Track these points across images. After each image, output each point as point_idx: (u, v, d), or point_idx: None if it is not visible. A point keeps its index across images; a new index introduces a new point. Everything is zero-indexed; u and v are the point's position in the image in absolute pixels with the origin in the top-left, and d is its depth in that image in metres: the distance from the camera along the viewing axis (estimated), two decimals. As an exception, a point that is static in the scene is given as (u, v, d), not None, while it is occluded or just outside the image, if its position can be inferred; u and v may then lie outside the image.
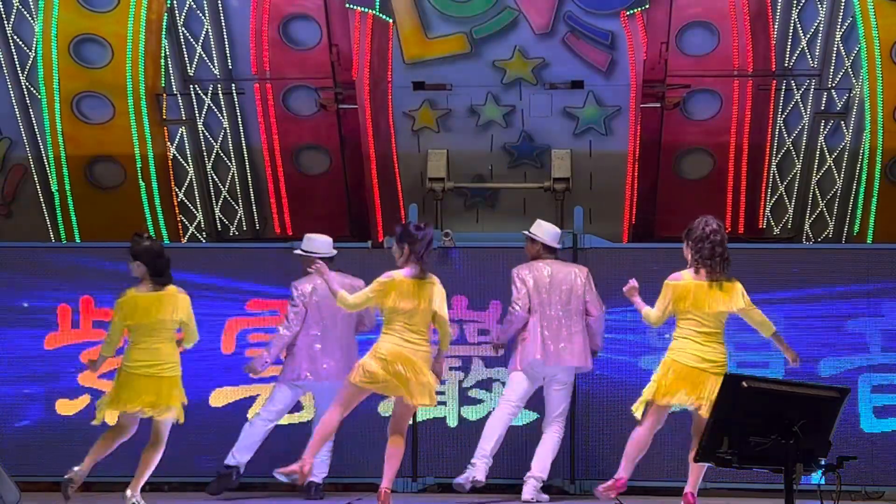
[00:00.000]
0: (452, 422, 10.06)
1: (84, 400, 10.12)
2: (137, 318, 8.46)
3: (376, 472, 9.54)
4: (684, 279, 8.31)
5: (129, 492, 8.51)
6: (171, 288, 8.52)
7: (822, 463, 5.76)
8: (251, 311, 10.23)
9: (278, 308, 10.00)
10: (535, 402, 9.56)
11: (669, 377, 8.20)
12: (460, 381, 10.08)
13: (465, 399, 10.09)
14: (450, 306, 8.73)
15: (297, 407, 9.93)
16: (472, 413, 10.09)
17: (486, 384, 10.11)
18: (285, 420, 9.75)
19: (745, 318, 8.40)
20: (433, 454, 10.01)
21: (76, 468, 8.50)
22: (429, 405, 8.52)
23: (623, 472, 8.42)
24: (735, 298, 8.26)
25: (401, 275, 8.28)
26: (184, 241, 12.71)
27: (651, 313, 8.36)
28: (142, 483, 8.59)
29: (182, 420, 8.61)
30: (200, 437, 10.00)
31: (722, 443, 5.67)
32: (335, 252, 9.58)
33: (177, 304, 8.49)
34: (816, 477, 5.85)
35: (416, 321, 8.27)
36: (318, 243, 9.57)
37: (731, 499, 9.54)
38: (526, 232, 9.49)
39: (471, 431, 9.80)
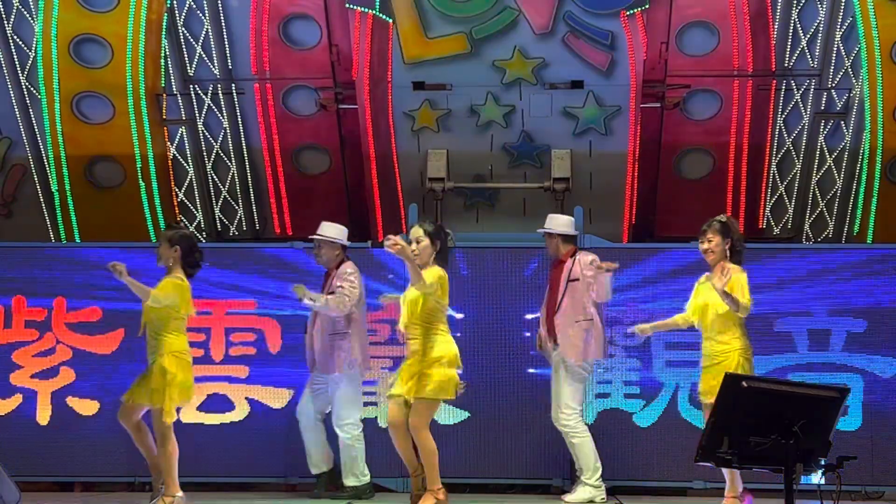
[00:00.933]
0: (384, 421, 10.04)
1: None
2: (188, 307, 8.52)
3: (376, 472, 9.58)
4: None
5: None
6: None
7: (823, 463, 5.76)
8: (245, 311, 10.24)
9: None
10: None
11: None
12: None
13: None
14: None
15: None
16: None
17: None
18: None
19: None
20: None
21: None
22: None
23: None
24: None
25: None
26: (183, 241, 12.69)
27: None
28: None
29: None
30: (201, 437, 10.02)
31: (722, 443, 5.68)
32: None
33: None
34: (816, 477, 5.86)
35: None
36: (339, 230, 9.61)
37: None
38: (542, 229, 9.46)
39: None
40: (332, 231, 9.60)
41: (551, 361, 9.36)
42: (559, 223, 9.41)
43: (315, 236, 9.61)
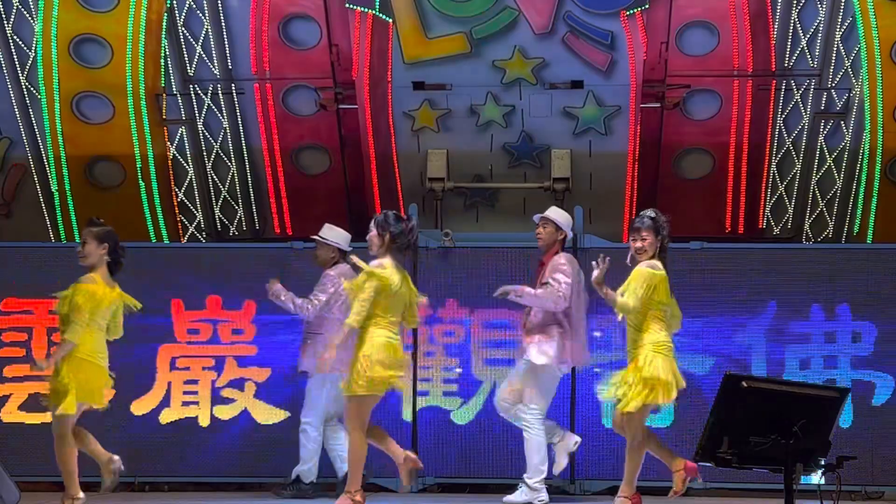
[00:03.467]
0: (205, 421, 10.05)
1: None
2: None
3: (376, 472, 9.58)
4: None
5: None
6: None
7: (822, 463, 5.76)
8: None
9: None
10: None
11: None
12: (213, 381, 10.07)
13: (217, 399, 10.09)
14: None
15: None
16: (224, 412, 10.07)
17: (238, 384, 10.08)
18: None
19: None
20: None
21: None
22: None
23: None
24: None
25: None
26: (184, 241, 12.71)
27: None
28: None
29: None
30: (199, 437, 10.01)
31: (722, 443, 5.68)
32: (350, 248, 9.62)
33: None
34: (816, 477, 5.86)
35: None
36: (338, 234, 9.60)
37: (731, 499, 9.54)
38: (540, 214, 9.32)
39: (223, 430, 9.78)
40: (330, 234, 9.61)
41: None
42: (558, 213, 9.28)
43: (314, 236, 9.64)
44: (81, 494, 8.00)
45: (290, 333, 9.93)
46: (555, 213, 9.20)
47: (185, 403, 10.07)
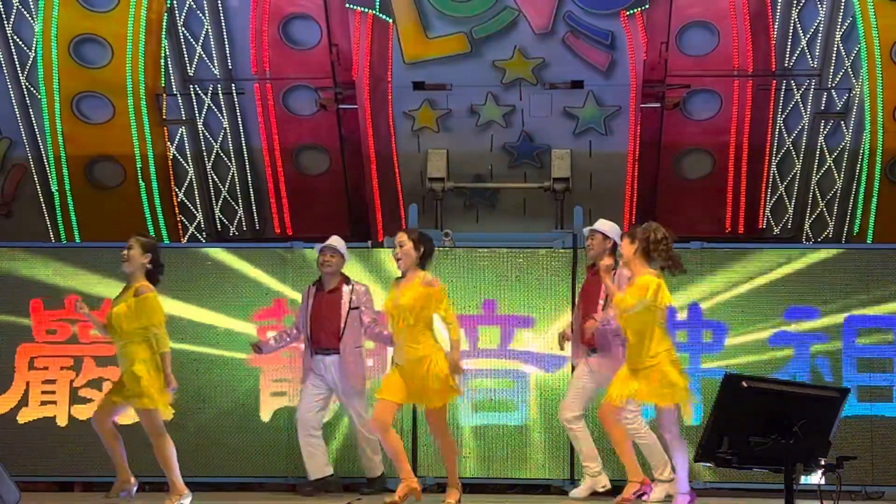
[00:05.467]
0: (62, 421, 9.99)
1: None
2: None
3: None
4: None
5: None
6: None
7: (822, 463, 5.76)
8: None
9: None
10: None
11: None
12: (71, 381, 10.03)
13: (75, 398, 10.01)
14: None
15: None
16: (82, 412, 9.98)
17: (96, 384, 10.00)
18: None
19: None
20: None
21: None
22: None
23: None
24: None
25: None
26: (184, 241, 12.72)
27: None
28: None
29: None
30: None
31: (722, 443, 5.67)
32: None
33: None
34: (816, 477, 5.85)
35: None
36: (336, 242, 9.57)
37: (731, 499, 9.53)
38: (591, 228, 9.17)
39: (81, 430, 9.70)
40: (340, 243, 9.55)
41: (575, 363, 9.23)
42: (604, 223, 9.12)
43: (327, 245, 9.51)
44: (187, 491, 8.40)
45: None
46: (601, 223, 9.12)
47: (44, 403, 10.00)
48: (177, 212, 12.87)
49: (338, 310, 9.34)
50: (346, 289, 9.40)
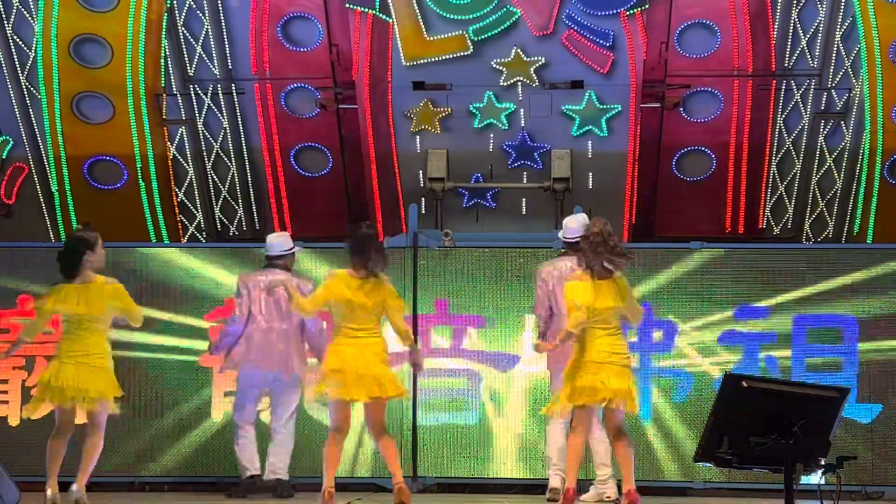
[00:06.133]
0: (14, 420, 9.91)
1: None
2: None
3: (377, 472, 9.58)
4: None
5: (74, 486, 8.27)
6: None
7: (822, 463, 5.76)
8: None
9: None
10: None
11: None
12: (23, 381, 9.97)
13: (28, 397, 9.96)
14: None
15: None
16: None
17: None
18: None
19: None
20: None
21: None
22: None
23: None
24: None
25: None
26: (184, 241, 12.72)
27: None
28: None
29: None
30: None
31: (722, 443, 5.67)
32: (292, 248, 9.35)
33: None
34: (816, 477, 5.85)
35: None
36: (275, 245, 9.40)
37: (731, 499, 9.53)
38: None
39: (34, 430, 9.53)
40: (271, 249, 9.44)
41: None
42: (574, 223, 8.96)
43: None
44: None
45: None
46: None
47: None
48: (177, 212, 12.87)
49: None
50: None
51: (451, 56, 12.46)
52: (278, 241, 9.34)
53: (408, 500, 7.70)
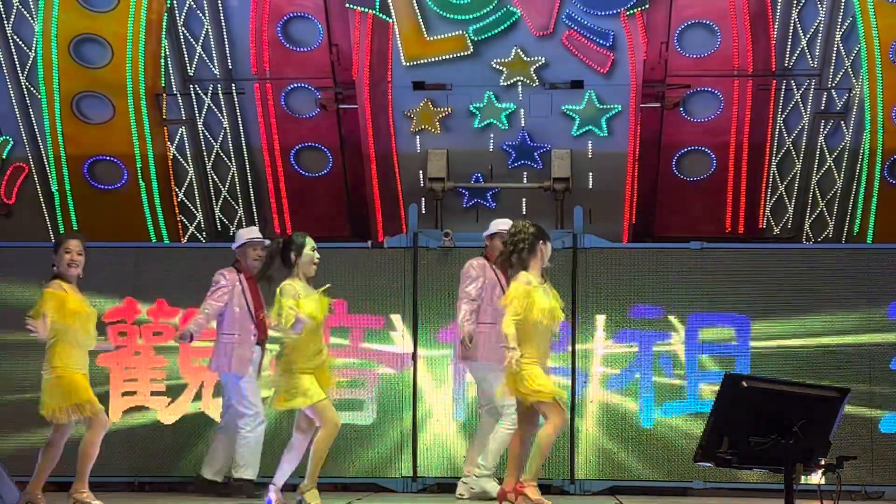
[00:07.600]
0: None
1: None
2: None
3: (377, 472, 9.57)
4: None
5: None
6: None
7: (822, 463, 5.76)
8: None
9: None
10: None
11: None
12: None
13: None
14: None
15: None
16: None
17: None
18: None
19: None
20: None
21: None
22: None
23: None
24: None
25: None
26: (184, 241, 12.72)
27: None
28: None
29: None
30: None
31: (722, 443, 5.67)
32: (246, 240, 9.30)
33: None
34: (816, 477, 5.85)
35: None
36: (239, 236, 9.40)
37: (731, 499, 9.54)
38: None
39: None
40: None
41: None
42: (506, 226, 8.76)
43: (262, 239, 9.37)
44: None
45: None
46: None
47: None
48: (177, 212, 12.87)
49: (261, 300, 9.20)
50: None
51: (451, 56, 12.46)
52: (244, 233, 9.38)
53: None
